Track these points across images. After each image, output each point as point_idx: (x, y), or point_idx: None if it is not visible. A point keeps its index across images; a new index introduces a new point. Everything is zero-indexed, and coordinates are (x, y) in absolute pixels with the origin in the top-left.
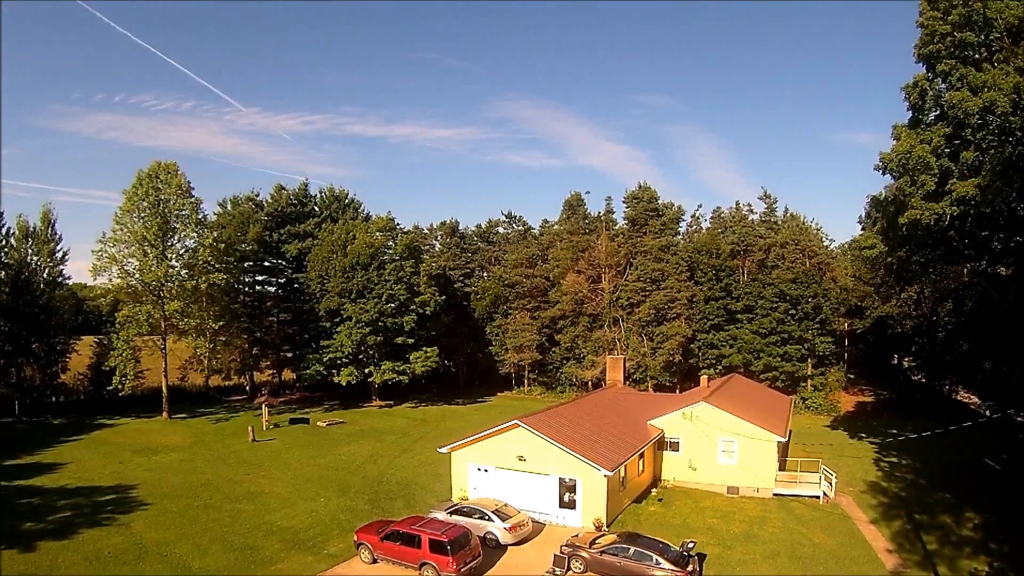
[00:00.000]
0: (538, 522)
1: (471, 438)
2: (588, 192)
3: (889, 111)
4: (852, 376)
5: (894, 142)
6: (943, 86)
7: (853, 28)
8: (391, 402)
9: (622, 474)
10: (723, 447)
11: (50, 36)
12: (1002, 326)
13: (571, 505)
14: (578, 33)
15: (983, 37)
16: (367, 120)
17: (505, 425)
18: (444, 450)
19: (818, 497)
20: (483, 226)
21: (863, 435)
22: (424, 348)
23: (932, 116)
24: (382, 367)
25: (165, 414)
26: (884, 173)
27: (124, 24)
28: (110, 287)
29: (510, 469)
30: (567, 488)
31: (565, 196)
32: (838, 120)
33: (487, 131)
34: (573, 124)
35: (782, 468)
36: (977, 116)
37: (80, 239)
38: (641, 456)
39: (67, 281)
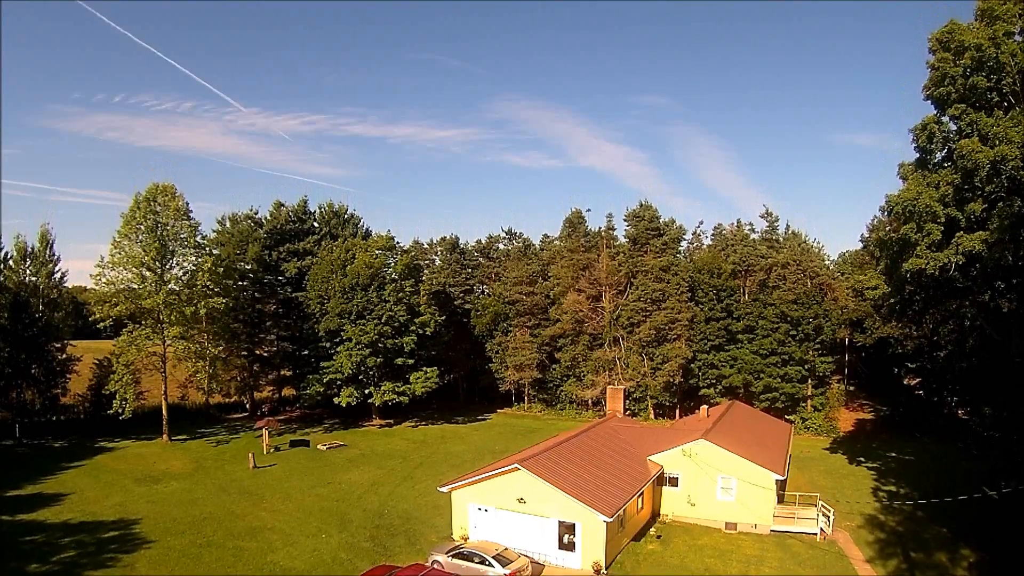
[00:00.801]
0: (537, 563)
1: (471, 479)
2: (589, 210)
3: (889, 111)
4: (852, 388)
5: (900, 182)
6: (952, 127)
7: (853, 28)
8: (391, 421)
9: (621, 514)
10: (722, 484)
11: (50, 36)
12: (1003, 372)
13: (570, 547)
14: (578, 33)
15: (994, 81)
16: (367, 120)
17: (505, 468)
18: (444, 489)
19: (816, 534)
20: (483, 242)
21: (862, 459)
22: (424, 369)
23: (939, 156)
24: (382, 388)
25: (165, 436)
26: (889, 215)
27: (124, 24)
28: (111, 312)
29: (510, 510)
30: (566, 530)
31: (565, 197)
32: (838, 120)
33: (487, 132)
34: (573, 125)
35: (781, 500)
36: (987, 167)
37: (80, 239)
38: (640, 494)
39: (66, 302)
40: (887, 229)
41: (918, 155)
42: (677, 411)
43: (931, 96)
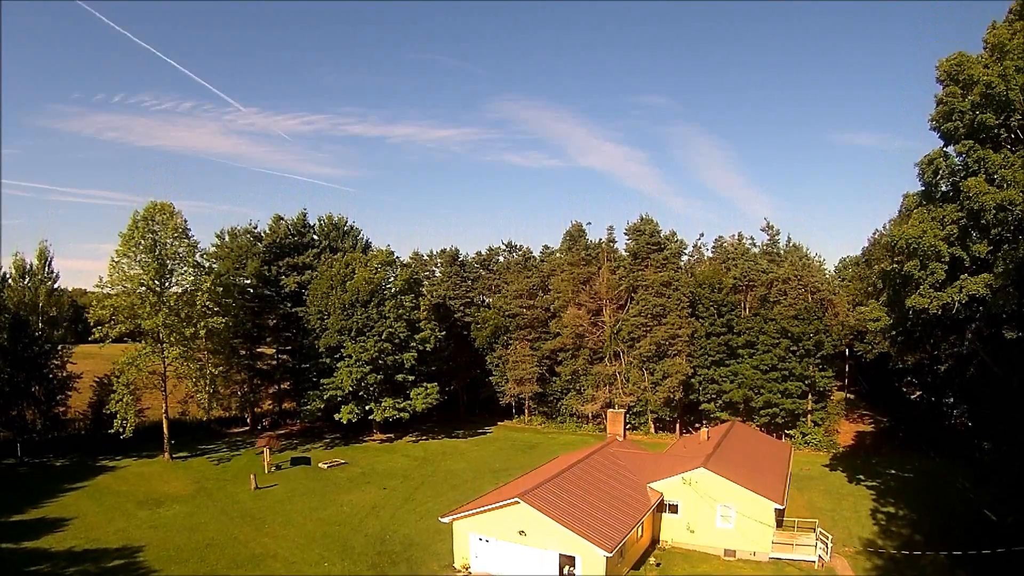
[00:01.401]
0: None
1: (472, 511)
2: (589, 223)
3: (889, 111)
4: (852, 397)
5: (902, 207)
6: (959, 161)
7: (853, 28)
8: (392, 436)
9: (621, 546)
10: (721, 512)
11: (50, 36)
12: (1004, 407)
13: None
14: (578, 33)
15: (1003, 118)
16: (367, 120)
17: (506, 502)
18: (446, 520)
19: (814, 561)
20: (483, 253)
21: (861, 477)
22: (425, 384)
23: (945, 187)
24: (383, 404)
25: (166, 454)
26: (892, 249)
27: (124, 24)
28: (111, 332)
29: (511, 541)
30: (567, 562)
31: (565, 198)
32: (838, 120)
33: (487, 132)
34: (573, 125)
35: (780, 524)
36: (994, 209)
37: (80, 239)
38: (640, 523)
39: (66, 308)
40: (891, 245)
41: (923, 188)
42: (677, 425)
43: (938, 129)
